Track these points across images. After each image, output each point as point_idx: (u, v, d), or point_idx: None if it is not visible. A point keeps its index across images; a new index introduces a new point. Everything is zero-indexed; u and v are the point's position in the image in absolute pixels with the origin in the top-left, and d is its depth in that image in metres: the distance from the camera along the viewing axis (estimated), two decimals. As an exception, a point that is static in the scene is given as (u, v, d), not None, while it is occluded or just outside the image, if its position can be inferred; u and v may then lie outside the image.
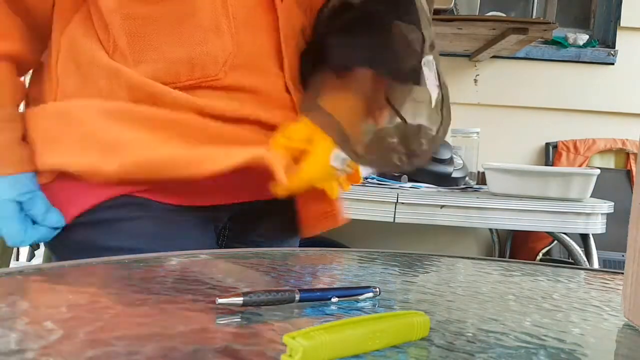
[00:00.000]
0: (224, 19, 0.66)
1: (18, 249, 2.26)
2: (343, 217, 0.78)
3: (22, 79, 0.72)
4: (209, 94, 0.67)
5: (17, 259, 2.23)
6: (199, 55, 0.66)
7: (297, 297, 0.35)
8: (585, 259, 1.43)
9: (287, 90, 0.72)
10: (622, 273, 0.38)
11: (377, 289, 0.39)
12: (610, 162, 2.15)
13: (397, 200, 1.35)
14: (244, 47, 0.68)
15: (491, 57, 2.07)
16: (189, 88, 0.67)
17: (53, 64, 0.69)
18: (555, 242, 1.88)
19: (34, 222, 0.66)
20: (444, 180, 1.54)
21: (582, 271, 0.59)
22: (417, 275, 0.49)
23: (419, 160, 0.70)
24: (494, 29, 1.70)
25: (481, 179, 1.72)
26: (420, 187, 1.51)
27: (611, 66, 2.13)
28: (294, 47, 0.74)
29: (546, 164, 2.13)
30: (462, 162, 1.62)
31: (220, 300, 0.33)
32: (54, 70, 0.69)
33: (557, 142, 2.14)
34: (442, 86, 0.68)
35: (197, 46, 0.66)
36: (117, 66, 0.65)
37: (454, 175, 1.56)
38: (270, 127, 0.70)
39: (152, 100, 0.65)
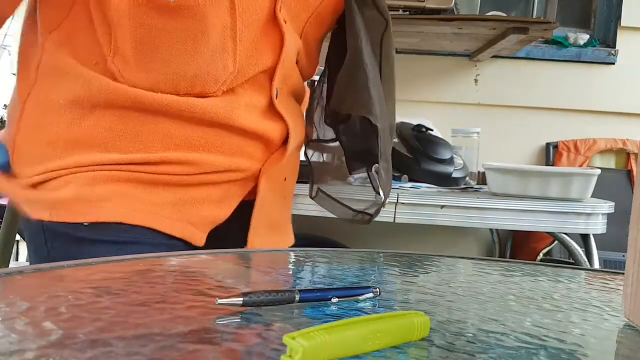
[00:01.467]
0: (230, 41, 0.67)
1: (18, 249, 2.26)
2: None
3: None
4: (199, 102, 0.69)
5: (17, 259, 2.23)
6: (203, 74, 0.67)
7: (297, 297, 0.35)
8: (586, 259, 1.43)
9: (272, 102, 0.75)
10: (623, 273, 0.38)
11: (377, 289, 0.39)
12: (610, 162, 2.14)
13: (397, 200, 1.34)
14: (245, 67, 0.70)
15: (491, 57, 2.07)
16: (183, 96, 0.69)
17: (34, 66, 0.70)
18: (556, 242, 1.88)
19: None
20: (444, 180, 1.54)
21: (582, 271, 0.59)
22: (417, 276, 0.49)
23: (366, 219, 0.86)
24: (494, 29, 1.70)
25: (481, 179, 1.72)
26: (420, 187, 1.50)
27: (612, 66, 2.13)
28: (289, 65, 0.76)
29: (547, 164, 2.13)
30: (462, 162, 1.62)
31: (220, 301, 0.33)
32: (34, 70, 0.70)
33: (557, 142, 2.14)
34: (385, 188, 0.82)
35: (203, 65, 0.67)
36: (101, 77, 0.67)
37: (454, 175, 1.55)
38: (251, 135, 0.73)
39: (130, 101, 0.67)
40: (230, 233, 0.76)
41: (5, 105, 2.35)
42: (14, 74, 0.74)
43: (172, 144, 0.69)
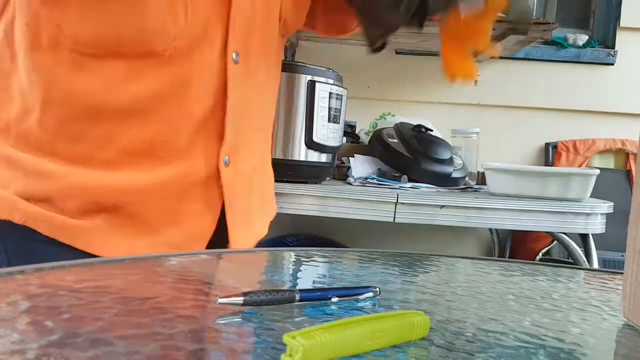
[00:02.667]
0: None
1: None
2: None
3: None
4: (146, 71, 0.63)
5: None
6: (150, 28, 0.62)
7: (297, 297, 0.35)
8: (585, 259, 1.43)
9: (225, 68, 0.68)
10: (622, 273, 0.38)
11: (377, 289, 0.39)
12: (609, 162, 2.15)
13: (397, 200, 1.35)
14: (194, 21, 0.64)
15: (491, 58, 2.07)
16: (132, 58, 0.63)
17: None
18: (555, 242, 1.88)
19: None
20: (444, 181, 1.54)
21: (581, 271, 0.59)
22: (417, 275, 0.49)
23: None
24: (493, 30, 1.70)
25: (481, 179, 1.72)
26: (420, 187, 1.51)
27: (611, 66, 2.14)
28: (244, 23, 0.69)
29: (546, 164, 2.13)
30: (462, 162, 1.62)
31: (220, 300, 0.33)
32: None
33: (556, 142, 2.14)
34: None
35: (150, 18, 0.62)
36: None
37: (454, 175, 1.56)
38: (193, 115, 0.66)
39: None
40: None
41: None
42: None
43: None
